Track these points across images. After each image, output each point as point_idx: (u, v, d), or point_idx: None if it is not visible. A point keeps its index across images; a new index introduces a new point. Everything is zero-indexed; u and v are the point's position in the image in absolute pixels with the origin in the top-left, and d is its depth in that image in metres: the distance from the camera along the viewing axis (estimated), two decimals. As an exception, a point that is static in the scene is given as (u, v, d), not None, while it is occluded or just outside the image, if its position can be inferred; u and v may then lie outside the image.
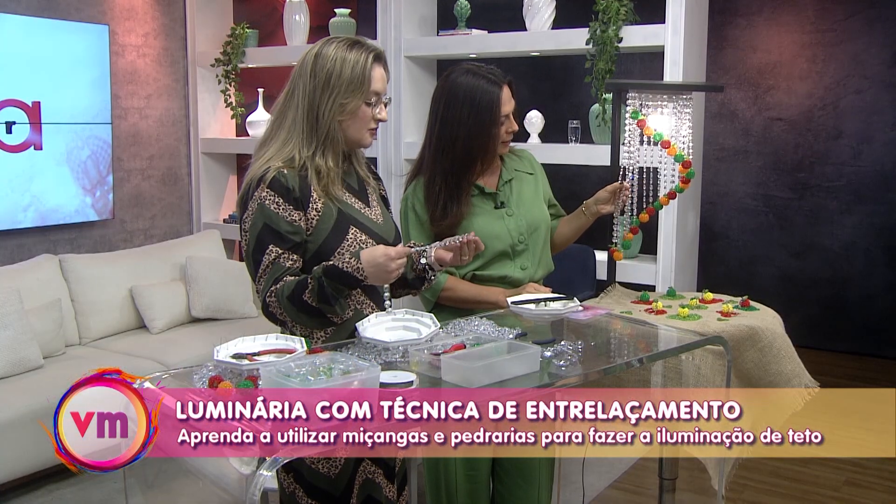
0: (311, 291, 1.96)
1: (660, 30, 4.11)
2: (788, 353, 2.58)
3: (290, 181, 2.03)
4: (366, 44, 2.11)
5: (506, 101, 2.48)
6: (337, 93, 2.05)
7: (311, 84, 2.06)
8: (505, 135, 2.52)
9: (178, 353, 4.26)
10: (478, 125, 2.46)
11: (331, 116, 2.06)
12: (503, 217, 2.57)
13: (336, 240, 2.07)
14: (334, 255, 2.06)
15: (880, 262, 5.62)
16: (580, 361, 1.96)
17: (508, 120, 2.51)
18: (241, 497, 1.37)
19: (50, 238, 5.05)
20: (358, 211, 2.15)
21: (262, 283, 2.02)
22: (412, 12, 4.98)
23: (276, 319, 2.05)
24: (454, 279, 2.54)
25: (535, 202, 2.64)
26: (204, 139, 5.83)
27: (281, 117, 2.11)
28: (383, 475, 2.16)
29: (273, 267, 2.02)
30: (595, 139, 4.43)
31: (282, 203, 2.02)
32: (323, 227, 2.07)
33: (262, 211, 2.02)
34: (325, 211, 2.07)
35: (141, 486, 1.81)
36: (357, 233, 2.10)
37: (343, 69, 2.04)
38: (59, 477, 3.71)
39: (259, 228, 2.03)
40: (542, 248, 2.63)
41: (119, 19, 5.34)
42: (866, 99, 5.57)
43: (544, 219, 2.65)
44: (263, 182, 2.03)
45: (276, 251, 2.02)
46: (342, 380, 1.55)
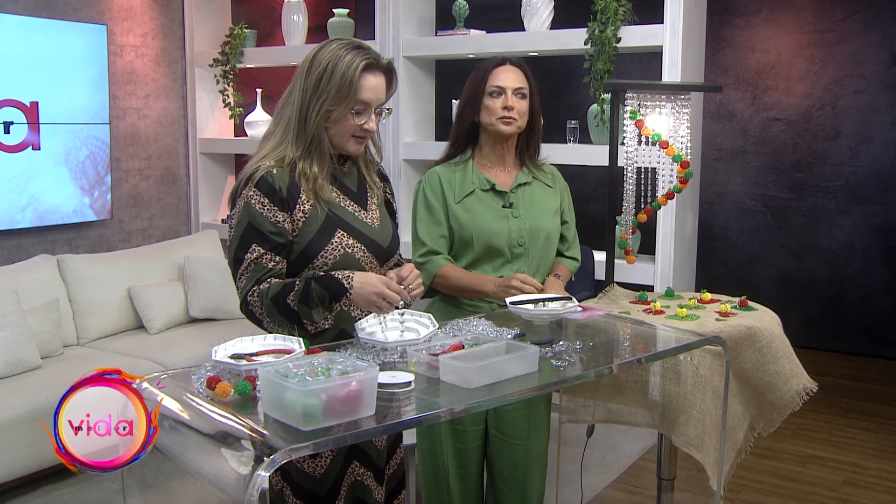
0: (296, 293, 1.97)
1: (658, 30, 4.11)
2: (787, 353, 2.58)
3: (277, 181, 2.03)
4: (363, 50, 2.06)
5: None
6: (324, 99, 2.03)
7: (304, 84, 2.06)
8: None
9: (176, 354, 4.25)
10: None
11: (317, 122, 2.05)
12: (507, 217, 2.58)
13: (321, 242, 2.07)
14: (318, 257, 2.06)
15: (878, 262, 5.63)
16: (579, 362, 1.96)
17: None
18: (240, 497, 1.37)
19: (48, 238, 5.05)
20: (350, 214, 2.14)
21: (244, 280, 2.03)
22: (410, 12, 4.98)
23: (253, 318, 2.04)
24: (450, 266, 2.56)
25: (544, 211, 2.64)
26: (202, 139, 5.83)
27: (280, 114, 2.12)
28: (373, 478, 2.15)
29: (255, 266, 2.02)
30: (593, 139, 4.44)
31: (267, 203, 2.02)
32: (308, 229, 2.06)
33: (248, 210, 2.03)
34: (311, 213, 2.07)
35: (139, 487, 1.81)
36: (344, 236, 2.10)
37: (333, 75, 2.02)
38: (57, 477, 3.71)
39: (244, 227, 2.03)
40: (542, 256, 2.63)
41: (117, 19, 5.34)
42: (864, 99, 5.57)
43: (550, 229, 2.64)
44: (252, 181, 2.04)
45: (259, 251, 2.02)
46: (340, 380, 1.54)
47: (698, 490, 3.49)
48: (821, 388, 2.69)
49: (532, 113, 2.59)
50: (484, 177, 2.60)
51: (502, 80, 2.53)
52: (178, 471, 1.68)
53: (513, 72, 2.55)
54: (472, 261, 2.58)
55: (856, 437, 4.34)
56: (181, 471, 1.67)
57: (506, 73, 2.54)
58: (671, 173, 2.89)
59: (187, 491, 1.72)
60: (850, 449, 4.18)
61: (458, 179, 2.59)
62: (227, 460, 1.50)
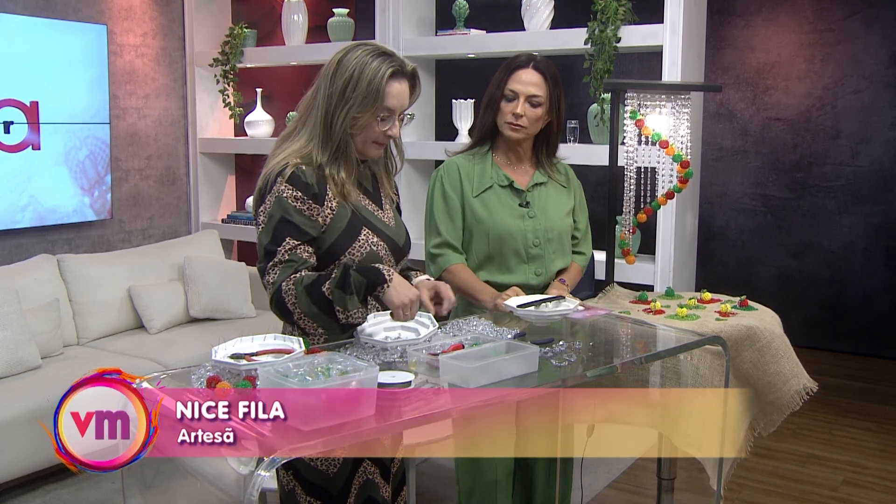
0: (333, 280, 1.95)
1: (658, 30, 4.11)
2: (787, 353, 2.58)
3: (308, 177, 2.04)
4: (389, 56, 2.07)
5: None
6: (351, 105, 2.03)
7: (329, 90, 2.06)
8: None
9: (176, 354, 4.25)
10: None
11: (343, 128, 2.06)
12: (524, 217, 2.59)
13: (348, 239, 2.08)
14: (346, 254, 2.07)
15: (879, 262, 5.62)
16: (579, 362, 1.96)
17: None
18: (239, 497, 1.37)
19: (48, 238, 5.05)
20: (371, 213, 2.16)
21: (277, 271, 2.00)
22: (410, 12, 4.98)
23: (284, 309, 1.99)
24: (460, 266, 2.58)
25: (558, 212, 2.65)
26: (202, 139, 5.82)
27: (305, 116, 2.11)
28: (380, 474, 2.16)
29: (290, 256, 2.01)
30: (593, 139, 4.44)
31: (300, 197, 2.03)
32: (336, 226, 2.08)
33: (280, 204, 2.02)
34: (339, 210, 2.08)
35: (139, 487, 1.81)
36: (369, 234, 2.12)
37: (360, 81, 2.02)
38: (57, 477, 3.71)
39: (276, 220, 2.02)
40: (556, 258, 2.65)
41: (117, 19, 5.34)
42: (864, 99, 5.57)
43: (562, 229, 2.66)
44: (282, 177, 2.04)
45: (293, 243, 2.02)
46: (340, 380, 1.54)
47: (698, 490, 3.48)
48: (821, 388, 2.68)
49: (551, 117, 2.59)
50: (502, 173, 2.61)
51: (518, 86, 2.52)
52: (178, 471, 1.68)
53: (533, 76, 2.53)
54: (484, 258, 2.59)
55: (856, 437, 4.34)
56: (181, 471, 1.67)
57: (525, 77, 2.53)
58: (671, 173, 2.90)
59: (187, 491, 1.73)
60: (850, 449, 4.18)
61: (477, 173, 2.61)
62: (227, 460, 1.50)
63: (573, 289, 2.70)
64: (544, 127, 2.60)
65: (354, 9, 5.67)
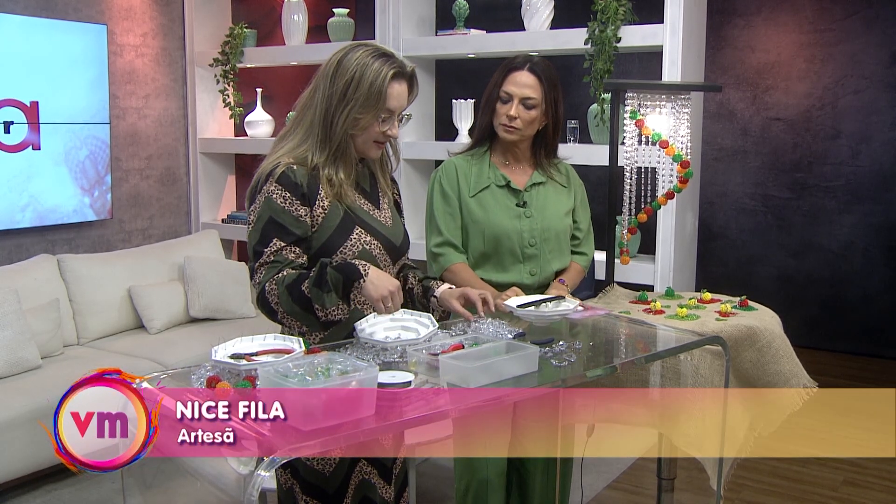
0: (311, 278, 1.96)
1: (658, 30, 4.11)
2: (787, 353, 2.58)
3: (298, 177, 2.05)
4: (389, 57, 2.07)
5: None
6: (352, 106, 2.04)
7: (329, 90, 2.06)
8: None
9: (176, 354, 4.25)
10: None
11: (344, 128, 2.06)
12: (520, 217, 2.59)
13: (340, 238, 2.09)
14: (337, 253, 2.07)
15: (879, 262, 5.63)
16: (579, 362, 1.96)
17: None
18: (239, 497, 1.37)
19: (48, 238, 5.05)
20: (366, 212, 2.16)
21: (262, 271, 2.02)
22: (410, 12, 4.98)
23: (268, 308, 2.01)
24: (462, 265, 2.58)
25: (556, 212, 2.65)
26: (202, 139, 5.82)
27: (301, 115, 2.12)
28: (378, 475, 2.16)
29: (276, 257, 2.02)
30: (593, 139, 4.44)
31: (289, 197, 2.03)
32: (327, 225, 2.08)
33: (269, 204, 2.03)
34: (331, 210, 2.08)
35: (139, 487, 1.81)
36: (362, 233, 2.12)
37: (361, 83, 2.03)
38: (57, 477, 3.71)
39: (264, 221, 2.03)
40: (552, 258, 2.64)
41: (117, 19, 5.34)
42: (864, 99, 5.57)
43: (560, 229, 2.65)
44: (272, 177, 2.04)
45: (280, 244, 2.03)
46: (340, 380, 1.54)
47: (698, 490, 3.48)
48: (821, 388, 2.68)
49: (548, 119, 2.58)
50: (500, 173, 2.62)
51: (513, 87, 2.52)
52: (178, 471, 1.68)
53: (528, 79, 2.53)
54: (479, 256, 2.59)
55: (856, 437, 4.34)
56: (181, 471, 1.68)
57: (520, 79, 2.53)
58: (671, 173, 2.89)
59: (187, 491, 1.73)
60: (850, 449, 4.17)
61: (474, 173, 2.61)
62: (227, 460, 1.50)
63: (574, 289, 2.70)
64: (541, 128, 2.59)
65: (354, 9, 5.67)
